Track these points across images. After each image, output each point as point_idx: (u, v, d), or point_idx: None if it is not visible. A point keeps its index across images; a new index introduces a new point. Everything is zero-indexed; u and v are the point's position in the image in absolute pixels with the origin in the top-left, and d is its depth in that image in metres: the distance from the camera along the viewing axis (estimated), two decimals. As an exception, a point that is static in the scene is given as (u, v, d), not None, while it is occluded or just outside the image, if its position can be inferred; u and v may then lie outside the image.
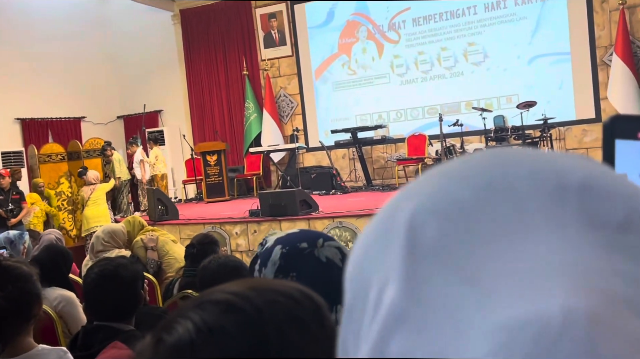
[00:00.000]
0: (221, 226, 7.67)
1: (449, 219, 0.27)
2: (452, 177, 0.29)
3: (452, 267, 0.26)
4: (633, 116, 0.43)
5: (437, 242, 0.27)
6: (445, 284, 0.25)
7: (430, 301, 0.25)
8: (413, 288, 0.26)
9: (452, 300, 0.25)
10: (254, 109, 11.69)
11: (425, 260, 0.26)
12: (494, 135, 8.79)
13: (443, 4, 10.24)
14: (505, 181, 0.27)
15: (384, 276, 0.28)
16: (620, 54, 8.57)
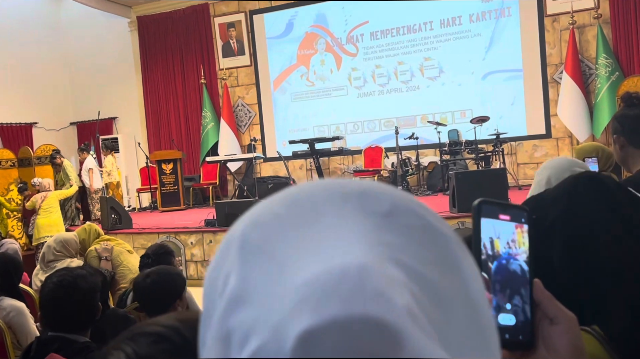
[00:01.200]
0: (176, 235, 7.59)
1: (268, 227, 0.37)
2: (273, 200, 0.39)
3: (269, 256, 0.35)
4: (494, 201, 0.59)
5: (259, 243, 0.36)
6: (264, 268, 0.35)
7: (254, 282, 0.35)
8: (243, 276, 0.35)
9: (269, 276, 0.34)
10: (211, 118, 11.63)
11: (252, 256, 0.36)
12: (448, 149, 8.97)
13: (400, 18, 10.42)
14: (309, 196, 0.38)
15: (226, 273, 0.37)
16: (570, 72, 8.88)
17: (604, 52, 8.63)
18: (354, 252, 0.34)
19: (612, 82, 8.45)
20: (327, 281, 0.32)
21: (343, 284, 0.32)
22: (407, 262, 0.34)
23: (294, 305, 0.32)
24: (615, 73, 8.53)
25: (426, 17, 10.23)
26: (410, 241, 0.36)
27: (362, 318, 0.30)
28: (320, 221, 0.36)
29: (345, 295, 0.31)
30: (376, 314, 0.31)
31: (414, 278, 0.34)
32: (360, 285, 0.32)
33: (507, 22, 9.68)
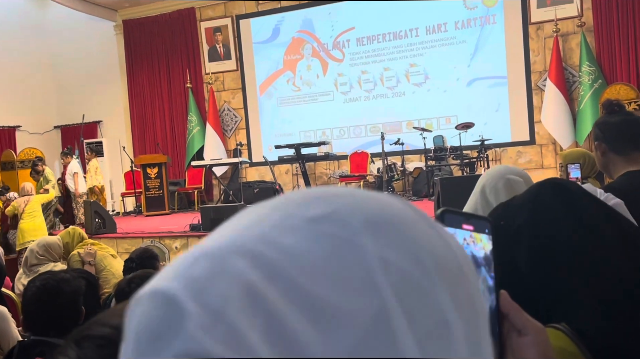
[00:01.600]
0: (160, 240, 7.55)
1: None
2: None
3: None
4: (457, 211, 0.58)
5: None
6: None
7: None
8: None
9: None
10: (196, 123, 11.60)
11: None
12: (434, 154, 9.02)
13: (386, 25, 10.47)
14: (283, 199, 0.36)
15: None
16: (554, 79, 8.97)
17: (587, 60, 8.73)
18: (225, 237, 0.33)
19: (595, 89, 8.55)
20: (184, 256, 0.32)
21: (183, 261, 0.32)
22: (282, 266, 0.31)
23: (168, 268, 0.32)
24: (598, 81, 8.64)
25: (412, 23, 10.30)
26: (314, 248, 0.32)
27: (163, 295, 0.30)
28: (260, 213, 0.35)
29: (175, 272, 0.31)
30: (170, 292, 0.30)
31: (275, 282, 0.30)
32: (189, 266, 0.31)
33: (492, 29, 9.77)
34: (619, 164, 2.22)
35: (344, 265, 0.31)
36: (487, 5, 9.77)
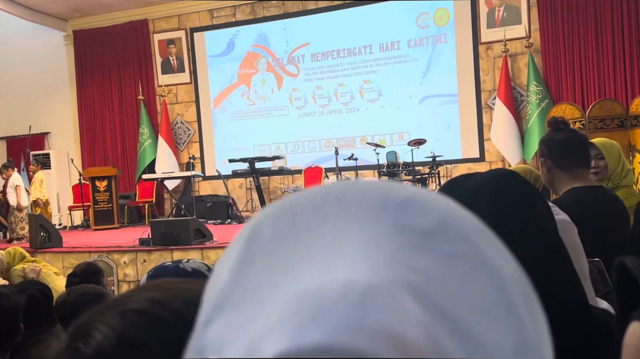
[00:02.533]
0: (108, 254, 7.37)
1: (282, 220, 0.32)
2: (303, 194, 0.34)
3: (276, 259, 0.30)
4: None
5: (268, 242, 0.31)
6: (267, 271, 0.30)
7: (249, 289, 0.30)
8: (237, 280, 0.31)
9: (268, 284, 0.29)
10: (148, 135, 11.42)
11: (254, 257, 0.31)
12: (387, 170, 9.11)
13: (341, 41, 10.57)
14: (340, 193, 0.33)
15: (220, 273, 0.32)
16: (503, 98, 9.20)
17: (535, 79, 8.99)
18: (364, 269, 0.27)
19: (542, 108, 8.80)
20: (321, 297, 0.26)
21: (339, 305, 0.26)
22: (435, 297, 0.27)
23: (277, 318, 0.26)
24: (545, 100, 8.90)
25: (366, 40, 10.42)
26: (449, 271, 0.29)
27: (351, 351, 0.24)
28: (344, 227, 0.30)
29: (338, 320, 0.25)
30: (369, 351, 0.24)
31: (440, 318, 0.27)
32: (360, 311, 0.25)
33: (443, 48, 9.97)
34: (564, 180, 2.27)
35: (482, 287, 0.29)
36: (438, 24, 9.98)
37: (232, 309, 0.30)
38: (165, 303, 0.48)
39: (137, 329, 0.46)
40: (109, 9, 11.52)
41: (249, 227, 0.33)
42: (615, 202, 2.24)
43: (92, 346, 0.46)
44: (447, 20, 9.91)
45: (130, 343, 0.46)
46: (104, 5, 11.32)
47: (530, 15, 9.32)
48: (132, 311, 0.47)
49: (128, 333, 0.46)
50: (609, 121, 7.08)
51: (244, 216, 9.93)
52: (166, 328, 0.47)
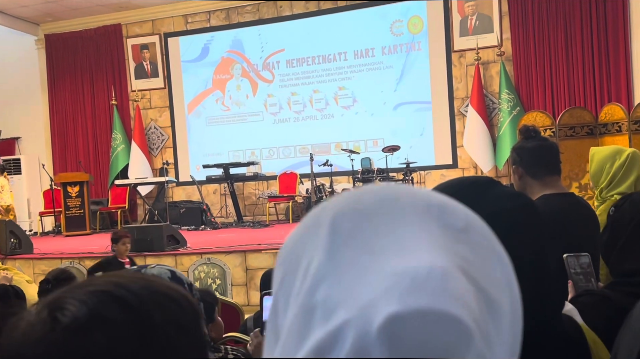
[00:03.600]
0: (80, 261, 7.27)
1: (359, 217, 0.42)
2: (363, 194, 0.44)
3: (360, 245, 0.40)
4: None
5: (350, 231, 0.41)
6: (355, 255, 0.40)
7: (344, 265, 0.40)
8: (333, 258, 0.40)
9: (359, 263, 0.39)
10: (121, 140, 11.31)
11: (342, 242, 0.41)
12: (361, 176, 9.16)
13: (316, 48, 10.61)
14: (395, 197, 0.43)
15: (312, 254, 0.42)
16: (475, 106, 9.32)
17: (507, 87, 9.14)
18: (438, 256, 0.39)
19: (513, 116, 8.94)
20: (415, 275, 0.37)
21: (429, 281, 0.37)
22: (475, 276, 0.40)
23: (383, 290, 0.37)
24: (517, 108, 9.05)
25: (340, 47, 10.48)
26: (478, 258, 0.41)
27: (444, 313, 0.36)
28: (407, 223, 0.41)
29: (431, 291, 0.36)
30: (456, 313, 0.36)
31: (479, 291, 0.39)
32: (444, 285, 0.37)
33: (417, 55, 10.07)
34: (536, 188, 2.32)
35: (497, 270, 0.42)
36: (412, 32, 10.08)
37: (335, 280, 0.39)
38: (127, 287, 0.56)
39: (105, 306, 0.53)
40: (81, 13, 11.40)
41: (329, 219, 0.42)
42: (586, 209, 2.29)
43: (68, 317, 0.52)
44: (420, 28, 10.02)
45: (100, 317, 0.53)
46: (76, 9, 11.20)
47: (502, 24, 9.47)
48: (99, 291, 0.55)
49: (97, 308, 0.53)
50: (579, 129, 7.23)
51: (218, 222, 9.88)
52: (128, 307, 0.54)
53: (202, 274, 6.50)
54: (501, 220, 0.92)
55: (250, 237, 7.60)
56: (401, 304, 0.36)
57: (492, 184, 0.99)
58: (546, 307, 0.91)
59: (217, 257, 6.56)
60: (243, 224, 9.72)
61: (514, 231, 0.92)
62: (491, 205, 0.94)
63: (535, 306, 0.90)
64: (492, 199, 0.95)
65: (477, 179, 1.01)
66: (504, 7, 9.43)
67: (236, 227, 9.51)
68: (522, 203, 0.96)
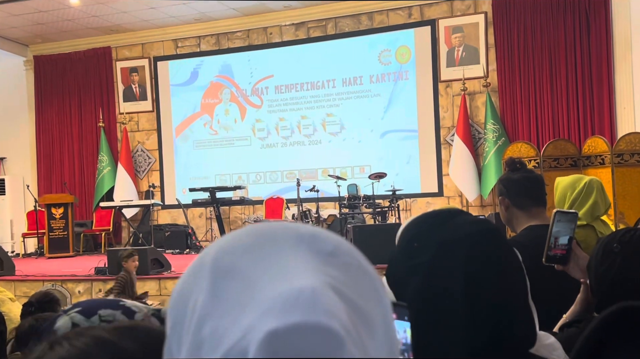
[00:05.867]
0: (62, 283, 7.20)
1: (237, 254, 0.47)
2: (241, 232, 0.49)
3: (239, 278, 0.45)
4: None
5: (229, 267, 0.46)
6: (234, 289, 0.44)
7: (225, 300, 0.44)
8: (214, 295, 0.44)
9: (239, 295, 0.43)
10: (108, 162, 11.27)
11: (222, 279, 0.45)
12: (347, 202, 9.19)
13: (304, 75, 10.71)
14: (271, 233, 0.49)
15: (197, 295, 0.46)
16: (461, 135, 9.43)
17: (492, 118, 9.26)
18: (307, 278, 0.43)
19: (498, 146, 9.05)
20: (288, 296, 0.42)
21: (300, 299, 0.41)
22: (345, 292, 0.45)
23: (261, 313, 0.41)
24: (502, 138, 9.16)
25: (329, 75, 10.59)
26: (348, 276, 0.46)
27: (316, 324, 0.40)
28: (280, 254, 0.46)
29: (303, 307, 0.41)
30: (326, 324, 0.40)
31: (348, 304, 0.44)
32: (314, 301, 0.41)
33: (404, 85, 10.20)
34: (521, 219, 2.36)
35: (365, 285, 0.47)
36: (400, 61, 10.22)
37: (218, 315, 0.43)
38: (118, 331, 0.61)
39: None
40: (71, 35, 11.44)
41: (210, 259, 0.47)
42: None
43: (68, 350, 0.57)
44: (408, 58, 10.16)
45: None
46: (66, 31, 11.24)
47: (488, 56, 9.64)
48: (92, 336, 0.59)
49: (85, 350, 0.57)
50: (563, 160, 7.33)
51: (203, 246, 9.83)
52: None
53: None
54: (464, 245, 0.96)
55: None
56: (277, 322, 0.40)
57: (457, 213, 1.03)
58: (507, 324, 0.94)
59: (201, 282, 6.51)
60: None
61: (476, 255, 0.96)
62: (455, 231, 0.98)
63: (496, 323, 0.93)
64: (456, 226, 0.99)
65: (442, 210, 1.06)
66: (490, 39, 9.61)
67: (221, 252, 9.44)
68: (484, 229, 1.00)
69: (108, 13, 10.40)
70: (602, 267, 1.51)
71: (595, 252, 1.55)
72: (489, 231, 0.99)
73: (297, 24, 10.67)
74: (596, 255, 1.54)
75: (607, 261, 1.50)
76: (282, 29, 10.78)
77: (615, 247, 1.49)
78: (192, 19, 10.81)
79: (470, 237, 0.97)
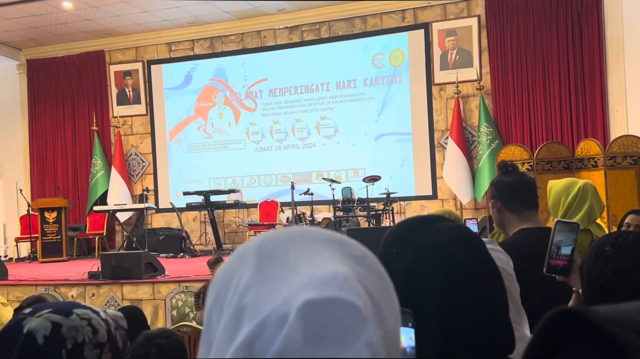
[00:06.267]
0: (56, 288, 7.16)
1: (280, 243, 0.54)
2: (282, 229, 0.57)
3: (280, 263, 0.52)
4: None
5: (271, 254, 0.53)
6: (276, 269, 0.51)
7: (268, 277, 0.51)
8: (258, 272, 0.51)
9: (280, 274, 0.50)
10: (101, 166, 11.25)
11: (266, 261, 0.52)
12: (342, 205, 9.19)
13: (298, 78, 10.72)
14: (309, 232, 0.56)
15: (241, 274, 0.52)
16: (455, 138, 9.45)
17: (486, 121, 9.28)
18: (341, 268, 0.51)
19: (492, 149, 9.07)
20: (325, 276, 0.49)
21: (335, 280, 0.49)
22: (367, 287, 0.52)
23: (300, 286, 0.48)
24: (495, 141, 9.18)
25: (323, 78, 10.60)
26: (371, 276, 0.54)
27: (348, 300, 0.47)
28: (317, 248, 0.54)
29: (337, 286, 0.48)
30: (356, 303, 0.48)
31: (370, 297, 0.51)
32: (347, 283, 0.49)
33: (398, 88, 10.21)
34: (514, 222, 2.37)
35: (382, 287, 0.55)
36: (394, 65, 10.24)
37: (260, 287, 0.50)
38: None
39: None
40: (64, 39, 11.41)
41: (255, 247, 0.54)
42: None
43: None
44: (402, 61, 10.18)
45: None
46: (59, 35, 11.22)
47: (482, 59, 9.67)
48: None
49: None
50: (556, 163, 7.35)
51: (198, 249, 9.81)
52: None
53: (179, 302, 6.44)
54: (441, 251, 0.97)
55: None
56: (315, 294, 0.47)
57: (436, 219, 1.04)
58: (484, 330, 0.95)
59: (195, 286, 6.50)
60: (222, 251, 9.65)
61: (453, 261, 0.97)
62: (432, 238, 0.99)
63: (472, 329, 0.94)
64: (434, 232, 1.00)
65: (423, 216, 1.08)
66: (484, 43, 9.64)
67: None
68: (461, 235, 1.01)
69: (101, 17, 10.39)
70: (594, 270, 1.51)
71: (588, 255, 1.55)
72: (467, 238, 1.01)
73: (291, 27, 10.68)
74: (589, 258, 1.54)
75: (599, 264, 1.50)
76: (276, 33, 10.79)
77: (607, 250, 1.49)
78: (186, 22, 10.81)
79: (447, 243, 0.98)
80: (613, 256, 1.48)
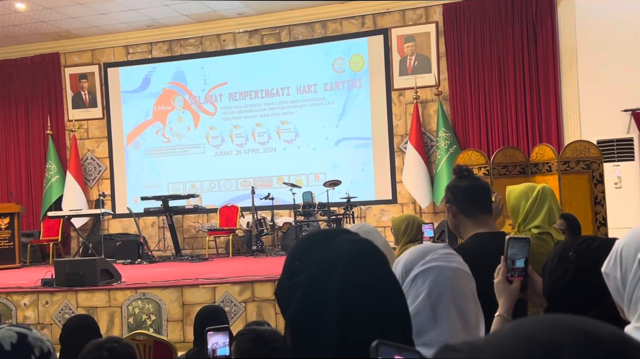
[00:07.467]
0: (7, 296, 6.95)
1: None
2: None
3: None
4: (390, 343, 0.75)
5: None
6: None
7: None
8: None
9: None
10: (56, 171, 10.98)
11: None
12: (303, 210, 9.18)
13: (258, 82, 10.68)
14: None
15: None
16: (414, 143, 9.54)
17: (444, 126, 9.40)
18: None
19: (450, 154, 9.20)
20: None
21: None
22: None
23: None
24: (453, 146, 9.31)
25: (283, 82, 10.58)
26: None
27: None
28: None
29: None
30: None
31: None
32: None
33: (358, 93, 10.27)
34: (468, 226, 2.38)
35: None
36: (354, 70, 10.29)
37: None
38: None
39: None
40: (18, 41, 11.13)
41: None
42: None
43: None
44: (361, 66, 10.24)
45: None
46: (13, 37, 10.92)
47: (440, 65, 9.80)
48: None
49: None
50: (511, 168, 7.48)
51: (156, 255, 9.66)
52: None
53: (136, 309, 6.32)
54: (340, 264, 0.98)
55: (188, 272, 7.46)
56: None
57: (340, 232, 1.06)
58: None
59: (152, 293, 6.39)
60: (181, 257, 9.54)
61: (350, 275, 0.98)
62: (332, 251, 1.01)
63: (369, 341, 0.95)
64: (335, 245, 1.01)
65: (326, 229, 1.11)
66: (442, 49, 9.77)
67: (174, 261, 9.32)
68: (361, 249, 1.02)
69: (56, 19, 10.16)
70: (555, 274, 1.53)
71: (551, 258, 1.56)
72: (366, 251, 1.02)
73: (251, 31, 10.64)
74: (551, 261, 1.56)
75: (561, 268, 1.51)
76: (235, 36, 10.73)
77: (570, 255, 1.50)
78: (144, 25, 10.65)
79: (346, 257, 0.99)
80: (575, 261, 1.49)
